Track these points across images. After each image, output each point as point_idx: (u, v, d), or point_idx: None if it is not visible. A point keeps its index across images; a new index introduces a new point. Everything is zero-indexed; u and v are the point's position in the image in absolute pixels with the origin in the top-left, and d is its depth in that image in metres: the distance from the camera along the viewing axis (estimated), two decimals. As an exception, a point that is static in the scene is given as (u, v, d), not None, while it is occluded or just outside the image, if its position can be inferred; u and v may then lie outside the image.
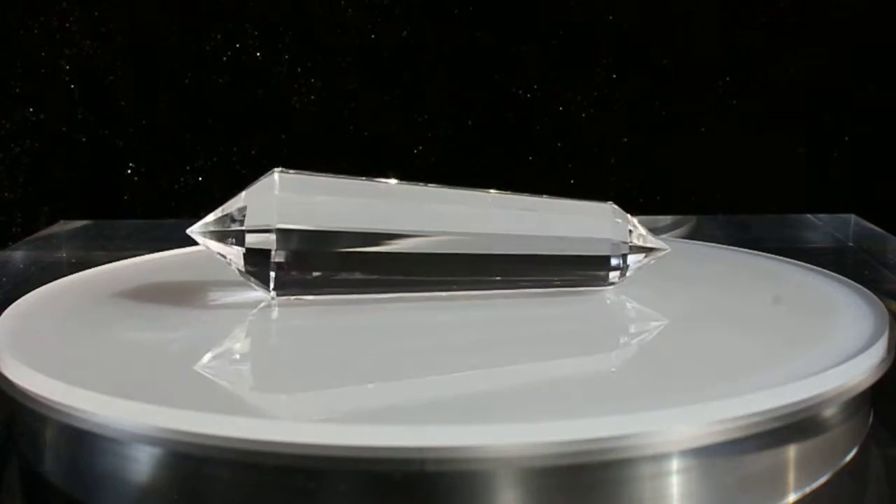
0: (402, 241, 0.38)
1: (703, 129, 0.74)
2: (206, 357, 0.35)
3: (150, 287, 0.45)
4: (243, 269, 0.38)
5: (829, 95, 0.73)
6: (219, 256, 0.38)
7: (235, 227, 0.37)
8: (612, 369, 0.34)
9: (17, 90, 0.73)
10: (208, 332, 0.38)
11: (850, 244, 0.62)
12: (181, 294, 0.43)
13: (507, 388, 0.32)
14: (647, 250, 0.40)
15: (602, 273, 0.40)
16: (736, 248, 0.50)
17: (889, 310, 0.38)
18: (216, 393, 0.31)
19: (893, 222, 0.63)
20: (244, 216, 0.37)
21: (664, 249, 0.40)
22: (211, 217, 0.38)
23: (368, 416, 0.29)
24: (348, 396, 0.32)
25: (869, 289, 0.40)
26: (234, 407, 0.30)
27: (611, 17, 0.73)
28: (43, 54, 0.73)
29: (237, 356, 0.35)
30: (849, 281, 0.42)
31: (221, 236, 0.37)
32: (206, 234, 0.38)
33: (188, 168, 0.74)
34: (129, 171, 0.74)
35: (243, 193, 0.38)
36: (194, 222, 0.38)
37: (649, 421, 0.28)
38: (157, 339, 0.37)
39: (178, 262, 0.48)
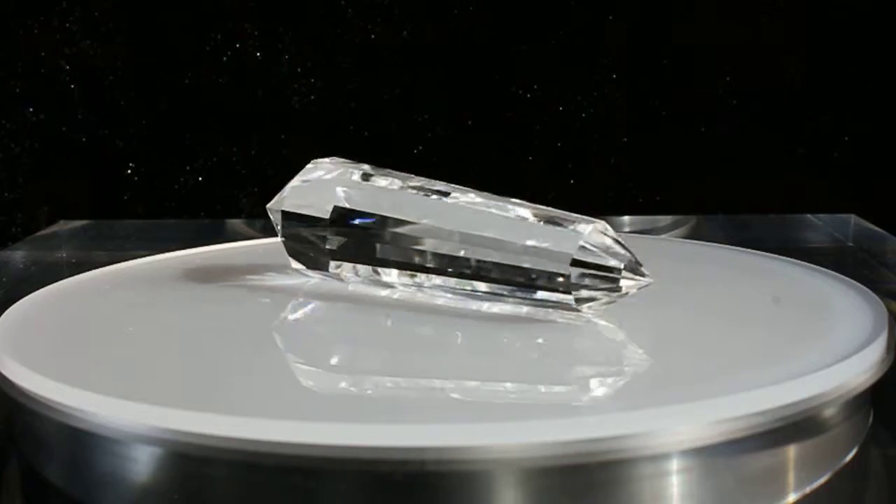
0: (411, 233, 0.39)
1: (703, 129, 0.74)
2: (207, 357, 0.35)
3: (150, 288, 0.45)
4: (292, 247, 0.42)
5: (829, 95, 0.73)
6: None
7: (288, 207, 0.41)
8: (612, 369, 0.34)
9: (17, 90, 0.73)
10: (208, 333, 0.38)
11: (850, 244, 0.62)
12: (181, 295, 0.43)
13: (508, 388, 0.32)
14: (605, 277, 0.35)
15: (557, 291, 0.36)
16: (736, 247, 0.50)
17: (889, 309, 0.38)
18: (216, 393, 0.31)
19: (893, 222, 0.63)
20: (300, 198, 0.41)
21: (640, 280, 0.36)
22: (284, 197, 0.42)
23: (368, 416, 0.29)
24: (349, 396, 0.32)
25: (869, 289, 0.40)
26: (234, 407, 0.30)
27: (611, 17, 0.73)
28: (43, 54, 0.73)
29: (237, 356, 0.35)
30: (849, 280, 0.42)
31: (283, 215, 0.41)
32: (275, 211, 0.42)
33: (188, 168, 0.74)
34: (129, 171, 0.74)
35: (312, 175, 0.41)
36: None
37: (649, 421, 0.28)
38: (157, 340, 0.37)
39: (178, 263, 0.48)
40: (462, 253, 0.38)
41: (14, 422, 0.35)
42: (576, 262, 0.35)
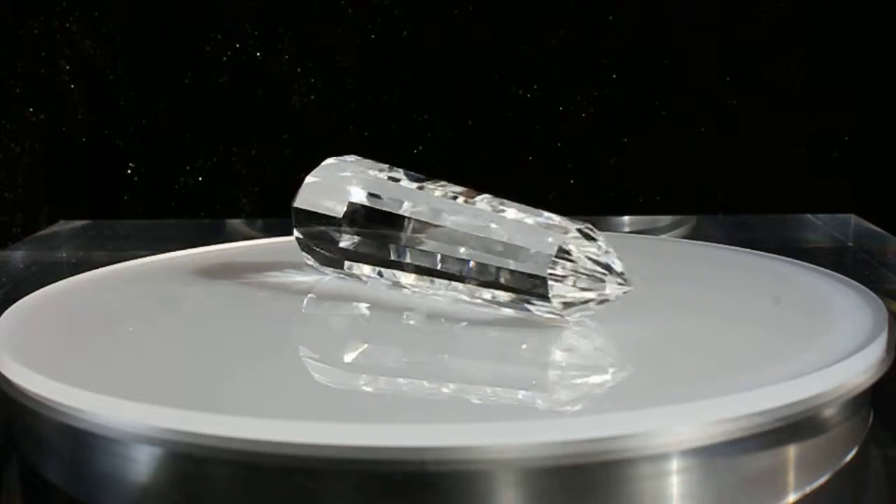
0: (416, 234, 0.39)
1: (703, 129, 0.74)
2: (207, 357, 0.35)
3: (150, 288, 0.45)
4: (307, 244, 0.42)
5: (829, 95, 0.73)
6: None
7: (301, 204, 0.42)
8: (612, 369, 0.34)
9: (17, 90, 0.73)
10: (207, 333, 0.38)
11: (850, 244, 0.62)
12: (181, 294, 0.43)
13: (508, 388, 0.32)
14: (584, 283, 0.35)
15: (537, 295, 0.36)
16: (736, 248, 0.50)
17: (889, 309, 0.38)
18: (216, 393, 0.31)
19: (893, 222, 0.63)
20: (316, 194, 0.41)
21: (621, 287, 0.35)
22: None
23: (368, 416, 0.29)
24: (349, 396, 0.32)
25: (869, 289, 0.40)
26: (234, 407, 0.30)
27: (611, 17, 0.73)
28: (43, 54, 0.73)
29: (237, 356, 0.35)
30: (849, 280, 0.42)
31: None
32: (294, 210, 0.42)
33: (188, 168, 0.74)
34: (129, 171, 0.74)
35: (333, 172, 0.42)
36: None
37: (649, 421, 0.28)
38: (157, 340, 0.37)
39: (178, 263, 0.48)
40: (451, 256, 0.38)
41: (14, 422, 0.35)
42: (554, 266, 0.35)
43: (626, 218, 0.70)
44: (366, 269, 0.41)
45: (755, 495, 0.30)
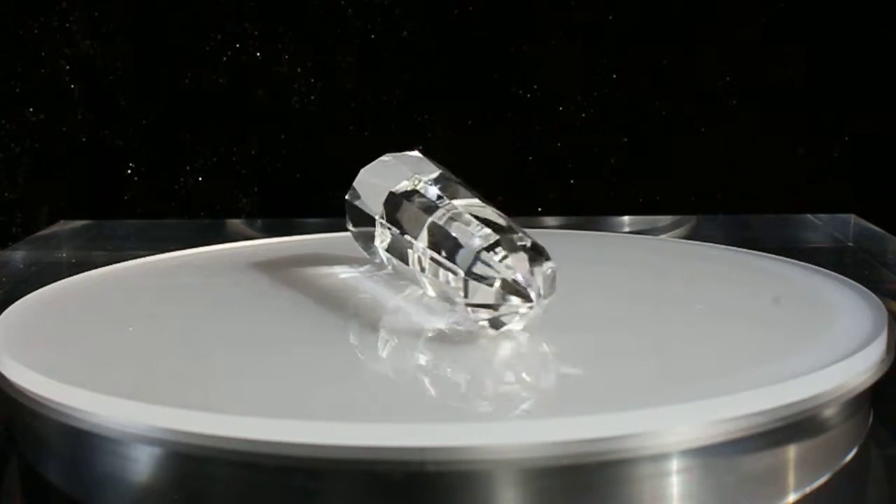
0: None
1: (703, 129, 0.74)
2: (206, 357, 0.35)
3: (150, 288, 0.45)
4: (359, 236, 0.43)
5: (829, 95, 0.73)
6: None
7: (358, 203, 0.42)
8: (612, 369, 0.34)
9: (17, 90, 0.73)
10: (207, 332, 0.38)
11: (850, 244, 0.62)
12: (181, 294, 0.43)
13: (508, 389, 0.32)
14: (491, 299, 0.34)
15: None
16: (736, 248, 0.50)
17: (889, 309, 0.38)
18: (216, 392, 0.31)
19: (893, 222, 0.63)
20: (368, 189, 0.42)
21: (519, 304, 0.34)
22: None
23: (369, 416, 0.29)
24: (348, 396, 0.32)
25: (869, 289, 0.40)
26: (234, 406, 0.30)
27: (611, 17, 0.73)
28: (43, 54, 0.73)
29: (237, 356, 0.35)
30: (849, 280, 0.42)
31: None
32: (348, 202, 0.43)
33: (188, 168, 0.74)
34: (129, 171, 0.74)
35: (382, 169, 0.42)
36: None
37: (649, 421, 0.28)
38: (157, 340, 0.37)
39: (177, 264, 0.48)
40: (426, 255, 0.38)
41: (14, 422, 0.35)
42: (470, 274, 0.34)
43: (626, 218, 0.70)
44: (395, 267, 0.41)
45: (755, 495, 0.30)
